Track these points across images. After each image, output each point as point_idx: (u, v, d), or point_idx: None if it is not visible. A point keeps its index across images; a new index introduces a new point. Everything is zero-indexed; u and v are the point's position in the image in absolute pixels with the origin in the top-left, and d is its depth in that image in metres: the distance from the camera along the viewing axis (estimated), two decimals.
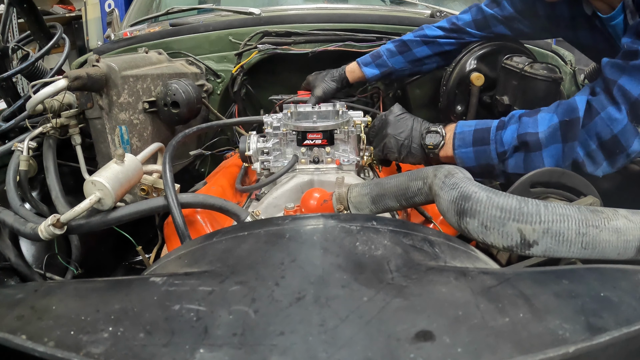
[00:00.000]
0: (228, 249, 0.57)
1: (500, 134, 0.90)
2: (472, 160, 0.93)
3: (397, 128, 1.01)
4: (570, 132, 0.82)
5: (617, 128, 0.79)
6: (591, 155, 0.82)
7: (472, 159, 0.93)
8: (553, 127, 0.84)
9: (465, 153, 0.93)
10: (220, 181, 1.20)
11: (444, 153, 0.96)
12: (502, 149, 0.89)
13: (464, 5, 1.80)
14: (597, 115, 0.80)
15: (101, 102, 1.08)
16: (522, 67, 1.13)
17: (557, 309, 0.40)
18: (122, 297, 0.45)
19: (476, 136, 0.93)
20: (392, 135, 1.00)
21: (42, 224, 0.81)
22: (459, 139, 0.95)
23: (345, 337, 0.37)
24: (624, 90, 0.78)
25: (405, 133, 1.00)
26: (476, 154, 0.92)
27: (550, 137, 0.84)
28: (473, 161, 0.93)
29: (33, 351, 0.35)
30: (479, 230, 0.60)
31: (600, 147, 0.81)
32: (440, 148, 0.96)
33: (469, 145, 0.93)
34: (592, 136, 0.81)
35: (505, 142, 0.89)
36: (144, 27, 1.73)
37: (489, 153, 0.91)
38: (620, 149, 0.80)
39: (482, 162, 0.92)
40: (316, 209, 0.86)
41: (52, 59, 2.63)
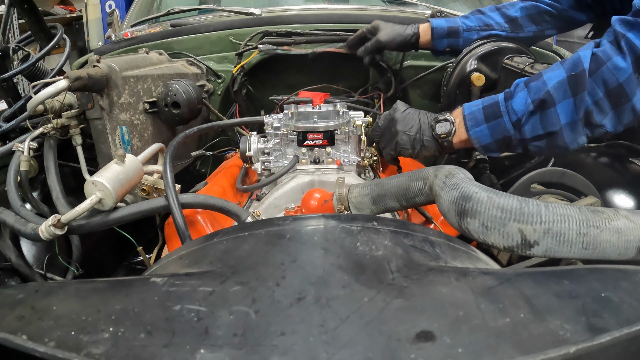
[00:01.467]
0: (229, 249, 0.57)
1: (511, 104, 0.90)
2: (488, 136, 0.92)
3: (406, 124, 1.00)
4: (579, 85, 0.84)
5: (623, 77, 0.80)
6: (598, 103, 0.83)
7: (488, 136, 0.92)
8: (561, 82, 0.85)
9: (480, 131, 0.93)
10: (220, 181, 1.20)
11: (458, 138, 0.96)
12: (516, 117, 0.89)
13: (464, 5, 1.80)
14: (604, 64, 0.82)
15: (102, 103, 1.08)
16: (522, 68, 1.13)
17: (557, 310, 0.40)
18: (123, 297, 0.45)
19: (487, 112, 0.92)
20: (402, 132, 0.99)
21: (42, 225, 0.81)
22: (470, 120, 0.94)
23: (345, 338, 0.37)
24: (631, 43, 0.80)
25: (415, 127, 0.99)
26: (491, 129, 0.92)
27: (561, 93, 0.85)
28: (489, 137, 0.92)
29: (34, 351, 0.35)
30: (480, 230, 0.60)
31: (606, 95, 0.82)
32: (453, 135, 0.95)
33: (482, 122, 0.93)
34: (600, 84, 0.82)
35: (518, 110, 0.89)
36: (145, 27, 1.73)
37: (504, 125, 0.90)
38: (625, 99, 0.81)
39: (499, 136, 0.92)
40: (317, 209, 0.86)
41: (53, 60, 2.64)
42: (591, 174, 1.01)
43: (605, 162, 1.26)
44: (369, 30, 1.33)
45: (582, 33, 1.35)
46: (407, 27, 1.31)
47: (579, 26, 1.30)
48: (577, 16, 1.24)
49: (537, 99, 0.87)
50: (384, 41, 1.29)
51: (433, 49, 1.33)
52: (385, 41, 1.29)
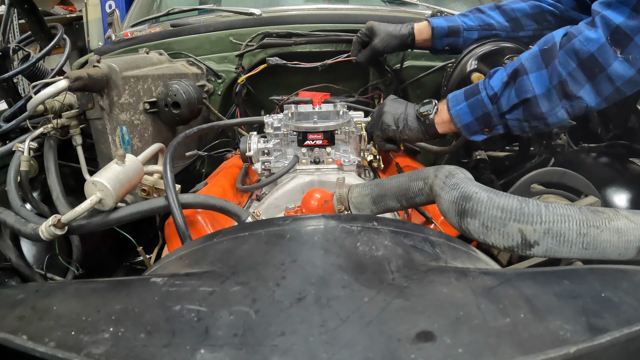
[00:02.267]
0: (229, 249, 0.57)
1: (488, 81, 0.96)
2: (468, 114, 0.97)
3: (393, 106, 1.07)
4: (550, 56, 0.88)
5: (594, 47, 0.83)
6: (572, 74, 0.86)
7: (468, 113, 0.97)
8: (533, 54, 0.91)
9: (460, 109, 0.98)
10: (221, 182, 1.20)
11: (440, 119, 1.01)
12: (493, 92, 0.94)
13: (464, 5, 1.80)
14: (574, 37, 0.85)
15: (102, 103, 1.08)
16: None
17: (558, 310, 0.40)
18: (123, 297, 0.45)
19: (467, 92, 0.99)
20: (388, 112, 1.06)
21: (43, 225, 0.81)
22: (451, 100, 1.00)
23: (346, 338, 0.37)
24: (606, 18, 0.83)
25: (401, 109, 1.06)
26: (470, 106, 0.97)
27: (533, 63, 0.90)
28: (469, 115, 0.97)
29: (34, 351, 0.35)
30: (480, 230, 0.60)
31: (580, 66, 0.85)
32: (435, 113, 1.01)
33: (462, 101, 0.98)
34: (571, 55, 0.85)
35: (494, 85, 0.94)
36: (145, 27, 1.73)
37: (482, 100, 0.95)
38: (599, 68, 0.83)
39: (478, 113, 0.96)
40: (317, 209, 0.86)
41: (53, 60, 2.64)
42: (591, 174, 1.01)
43: (605, 162, 1.26)
44: (364, 33, 1.33)
45: None
46: (402, 27, 1.30)
47: None
48: (579, 17, 1.24)
49: (510, 71, 0.92)
50: (379, 47, 1.30)
51: (432, 48, 1.33)
52: (380, 47, 1.30)
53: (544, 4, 1.25)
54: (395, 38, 1.29)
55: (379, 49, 1.29)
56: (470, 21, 1.28)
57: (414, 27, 1.30)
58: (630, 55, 0.81)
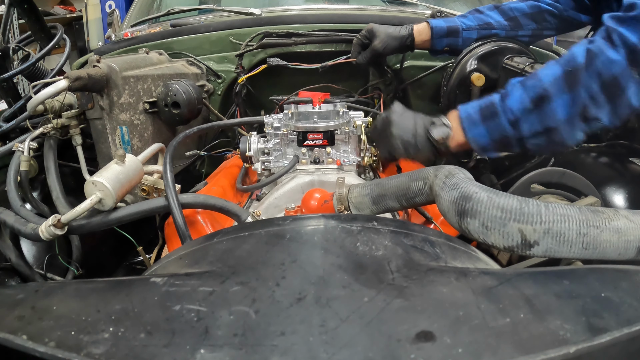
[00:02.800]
0: (229, 249, 0.57)
1: (507, 103, 0.90)
2: (486, 137, 0.92)
3: (401, 127, 0.99)
4: (574, 80, 0.84)
5: (617, 70, 0.81)
6: (594, 97, 0.84)
7: (486, 136, 0.92)
8: (558, 78, 0.86)
9: (478, 132, 0.93)
10: (221, 182, 1.20)
11: (455, 142, 0.95)
12: (513, 116, 0.89)
13: (464, 5, 1.80)
14: (597, 58, 0.83)
15: (102, 103, 1.08)
16: (522, 68, 1.13)
17: (558, 310, 0.40)
18: (123, 297, 0.45)
19: (483, 113, 0.92)
20: (397, 136, 0.98)
21: (42, 225, 0.81)
22: (467, 122, 0.94)
23: (346, 338, 0.37)
24: (623, 37, 0.81)
25: (411, 131, 0.98)
26: (488, 129, 0.92)
27: (558, 88, 0.86)
28: (487, 138, 0.92)
29: (34, 351, 0.35)
30: (480, 230, 0.60)
31: (602, 89, 0.83)
32: (449, 139, 0.95)
33: (479, 123, 0.92)
34: (594, 78, 0.83)
35: (515, 109, 0.89)
36: (145, 27, 1.73)
37: (501, 124, 0.90)
38: (620, 91, 0.82)
39: (497, 136, 0.92)
40: (317, 209, 0.86)
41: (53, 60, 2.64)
42: (591, 174, 1.01)
43: (605, 162, 1.26)
44: (364, 35, 1.33)
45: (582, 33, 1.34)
46: (401, 28, 1.30)
47: (579, 27, 1.30)
48: (577, 17, 1.24)
49: (534, 96, 0.87)
50: (379, 49, 1.29)
51: (431, 48, 1.33)
52: (380, 49, 1.29)
53: (543, 3, 1.25)
54: (395, 39, 1.29)
55: (378, 51, 1.29)
56: (469, 21, 1.28)
57: (414, 28, 1.30)
58: None
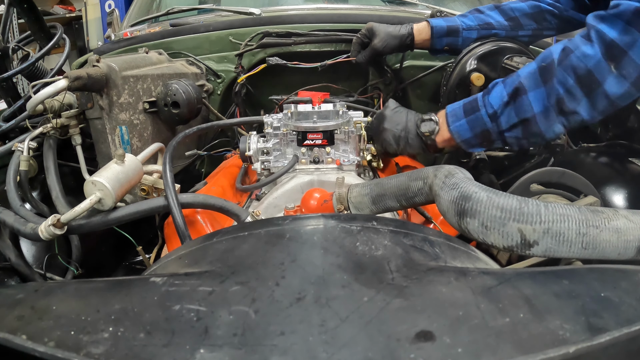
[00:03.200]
0: (228, 249, 0.57)
1: (487, 98, 0.96)
2: (468, 130, 0.98)
3: (393, 121, 1.06)
4: (548, 73, 0.88)
5: (590, 63, 0.83)
6: (570, 91, 0.87)
7: (467, 130, 0.98)
8: (532, 72, 0.91)
9: (460, 125, 0.99)
10: (220, 181, 1.20)
11: (441, 137, 1.02)
12: (492, 110, 0.94)
13: (464, 5, 1.80)
14: (571, 53, 0.86)
15: (101, 103, 1.08)
16: None
17: (557, 309, 0.40)
18: (123, 297, 0.45)
19: (466, 108, 0.99)
20: (389, 130, 1.06)
21: (42, 224, 0.81)
22: (451, 116, 1.00)
23: (345, 338, 0.37)
24: (600, 32, 0.83)
25: (401, 125, 1.05)
26: (470, 123, 0.98)
27: (532, 82, 0.90)
28: (469, 131, 0.98)
29: (33, 351, 0.35)
30: (479, 230, 0.60)
31: (577, 83, 0.86)
32: (436, 134, 1.02)
33: (461, 117, 0.99)
34: (569, 72, 0.86)
35: (494, 103, 0.94)
36: (144, 27, 1.73)
37: (481, 118, 0.96)
38: (595, 84, 0.84)
39: (477, 130, 0.97)
40: (316, 209, 0.86)
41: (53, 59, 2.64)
42: (591, 173, 1.01)
43: (605, 162, 1.26)
44: (363, 34, 1.33)
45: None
46: (401, 27, 1.30)
47: (580, 27, 1.30)
48: (577, 17, 1.24)
49: (510, 90, 0.92)
50: (379, 47, 1.29)
51: (431, 48, 1.33)
52: (380, 47, 1.29)
53: (543, 3, 1.25)
54: (394, 38, 1.29)
55: (378, 50, 1.29)
56: (469, 21, 1.28)
57: (414, 27, 1.30)
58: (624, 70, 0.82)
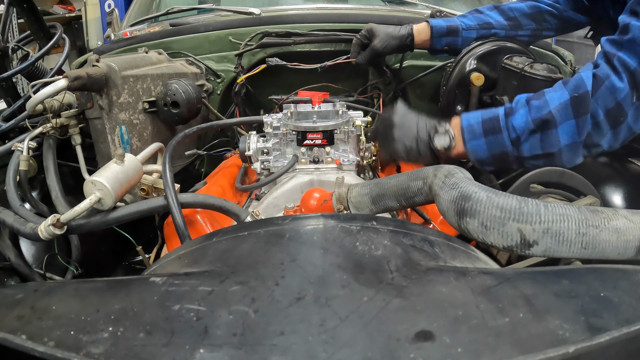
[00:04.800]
0: (228, 249, 0.57)
1: (511, 120, 0.90)
2: (485, 151, 0.93)
3: (404, 131, 0.98)
4: (581, 106, 0.84)
5: (620, 96, 0.82)
6: (598, 124, 0.84)
7: (485, 150, 0.93)
8: (564, 104, 0.85)
9: (477, 145, 0.93)
10: (220, 181, 1.20)
11: (455, 152, 0.96)
12: (515, 135, 0.89)
13: (464, 5, 1.80)
14: (602, 84, 0.83)
15: (101, 102, 1.08)
16: (522, 67, 1.13)
17: (557, 309, 0.40)
18: (122, 297, 0.45)
19: (486, 127, 0.92)
20: (398, 140, 0.98)
21: (42, 224, 0.81)
22: (468, 132, 0.94)
23: (345, 337, 0.37)
24: (623, 60, 0.82)
25: (412, 136, 0.98)
26: (489, 144, 0.92)
27: (564, 114, 0.85)
28: (486, 152, 0.93)
29: (33, 351, 0.35)
30: (479, 230, 0.60)
31: (606, 116, 0.83)
32: (451, 149, 0.95)
33: (480, 136, 0.93)
34: (600, 105, 0.83)
35: (518, 128, 0.89)
36: (144, 27, 1.73)
37: (503, 141, 0.90)
38: (623, 117, 0.83)
39: (496, 152, 0.92)
40: (316, 208, 0.86)
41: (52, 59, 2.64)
42: (590, 173, 1.01)
43: (605, 162, 1.26)
44: (363, 35, 1.33)
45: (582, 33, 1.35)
46: (401, 28, 1.30)
47: (579, 28, 1.30)
48: (576, 17, 1.24)
49: (538, 118, 0.87)
50: (378, 48, 1.29)
51: (431, 48, 1.33)
52: (380, 48, 1.29)
53: (542, 4, 1.26)
54: (394, 39, 1.29)
55: (378, 50, 1.29)
56: (468, 21, 1.28)
57: (413, 28, 1.30)
58: None
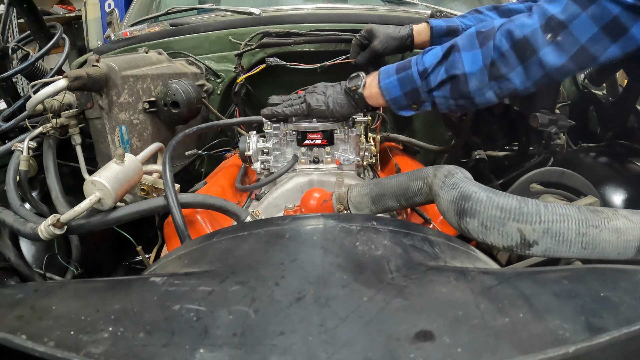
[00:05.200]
0: (228, 249, 0.57)
1: (422, 57, 0.95)
2: (397, 88, 0.97)
3: (320, 88, 1.06)
4: (485, 38, 0.88)
5: (527, 31, 0.84)
6: (504, 55, 0.86)
7: (397, 87, 0.97)
8: (469, 34, 0.91)
9: (390, 82, 0.97)
10: (220, 181, 1.20)
11: (369, 92, 1.00)
12: (423, 67, 0.93)
13: (464, 5, 1.80)
14: (511, 22, 0.86)
15: (101, 102, 1.08)
16: None
17: (557, 309, 0.40)
18: (122, 297, 0.45)
19: (399, 66, 0.98)
20: (315, 93, 1.04)
21: (42, 224, 0.81)
22: (383, 73, 0.99)
23: (345, 337, 0.37)
24: (543, 8, 0.84)
25: (330, 89, 1.05)
26: (400, 80, 0.96)
27: (468, 42, 0.90)
28: (398, 89, 0.97)
29: (33, 351, 0.35)
30: (479, 230, 0.60)
31: (512, 48, 0.85)
32: (363, 87, 1.00)
33: (393, 74, 0.97)
34: (506, 37, 0.86)
35: (427, 62, 0.94)
36: (144, 27, 1.73)
37: (411, 75, 0.95)
38: (530, 51, 0.84)
39: (407, 88, 0.96)
40: (316, 208, 0.86)
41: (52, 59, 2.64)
42: (590, 173, 1.01)
43: (605, 162, 1.26)
44: (363, 36, 1.33)
45: None
46: (401, 29, 1.30)
47: None
48: None
49: (445, 49, 0.92)
50: (378, 49, 1.29)
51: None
52: (380, 49, 1.29)
53: None
54: (394, 40, 1.29)
55: (378, 51, 1.29)
56: (468, 21, 1.28)
57: (413, 28, 1.30)
58: (562, 42, 0.81)
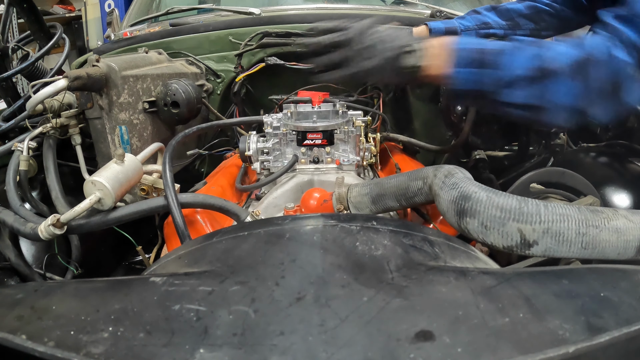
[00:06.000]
0: (228, 249, 0.57)
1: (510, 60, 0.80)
2: (470, 83, 0.82)
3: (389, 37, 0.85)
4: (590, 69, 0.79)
5: (628, 71, 0.79)
6: (596, 93, 0.80)
7: (470, 82, 0.82)
8: (572, 62, 0.79)
9: (463, 73, 0.81)
10: (220, 181, 1.20)
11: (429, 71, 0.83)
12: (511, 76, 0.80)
13: (464, 5, 1.80)
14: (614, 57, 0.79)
15: (101, 102, 1.08)
16: None
17: (557, 309, 0.40)
18: (122, 297, 0.45)
19: (480, 57, 0.81)
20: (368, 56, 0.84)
21: (42, 224, 0.81)
22: (459, 57, 0.82)
23: (345, 337, 0.37)
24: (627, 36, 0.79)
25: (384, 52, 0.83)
26: (476, 76, 0.81)
27: (568, 72, 0.78)
28: (470, 84, 0.82)
29: (33, 351, 0.35)
30: (479, 230, 0.60)
31: (610, 86, 0.80)
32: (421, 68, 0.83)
33: (470, 65, 0.81)
34: (604, 75, 0.79)
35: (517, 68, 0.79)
36: (144, 27, 1.73)
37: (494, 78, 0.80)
38: (623, 91, 0.80)
39: (479, 88, 0.82)
40: (316, 208, 0.86)
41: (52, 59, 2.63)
42: (590, 173, 1.01)
43: (605, 162, 1.26)
44: None
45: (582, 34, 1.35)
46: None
47: (578, 27, 1.30)
48: (575, 17, 1.24)
49: (541, 67, 0.79)
50: None
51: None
52: None
53: (540, 4, 1.26)
54: None
55: None
56: (467, 22, 1.28)
57: (412, 31, 1.30)
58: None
